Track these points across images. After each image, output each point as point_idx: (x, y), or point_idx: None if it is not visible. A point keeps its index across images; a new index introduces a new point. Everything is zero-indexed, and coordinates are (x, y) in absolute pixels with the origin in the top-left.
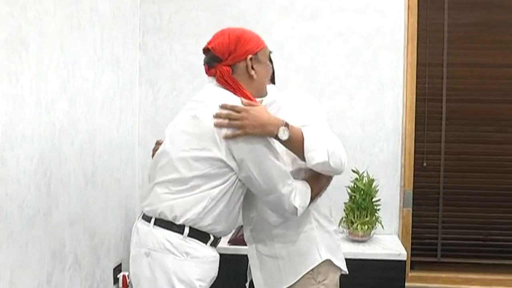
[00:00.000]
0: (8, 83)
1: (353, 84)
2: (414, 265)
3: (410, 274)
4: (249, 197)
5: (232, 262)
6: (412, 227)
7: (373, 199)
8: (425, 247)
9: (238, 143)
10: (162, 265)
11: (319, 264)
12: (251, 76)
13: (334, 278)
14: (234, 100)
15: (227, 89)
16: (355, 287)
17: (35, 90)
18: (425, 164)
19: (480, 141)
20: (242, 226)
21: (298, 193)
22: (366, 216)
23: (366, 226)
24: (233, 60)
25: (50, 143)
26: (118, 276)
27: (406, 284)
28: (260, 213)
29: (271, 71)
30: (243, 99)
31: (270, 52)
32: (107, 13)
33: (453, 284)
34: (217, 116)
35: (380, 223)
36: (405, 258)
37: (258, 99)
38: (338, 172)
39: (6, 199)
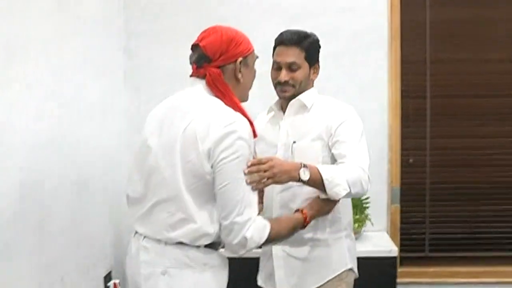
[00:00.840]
0: None
1: (338, 84)
2: (403, 261)
3: (399, 269)
4: (285, 198)
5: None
6: (400, 223)
7: (362, 197)
8: (413, 242)
9: (216, 160)
10: (181, 281)
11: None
12: (237, 80)
13: (351, 280)
14: (231, 115)
15: (215, 93)
16: None
17: (23, 99)
18: (411, 160)
19: (464, 136)
20: None
21: (254, 227)
22: (356, 214)
23: (356, 224)
24: (223, 61)
25: (41, 152)
26: (108, 284)
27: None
28: None
29: (255, 77)
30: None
31: (257, 57)
32: (91, 18)
33: (441, 278)
34: (249, 172)
35: (370, 220)
36: (396, 254)
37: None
38: (361, 196)
39: None
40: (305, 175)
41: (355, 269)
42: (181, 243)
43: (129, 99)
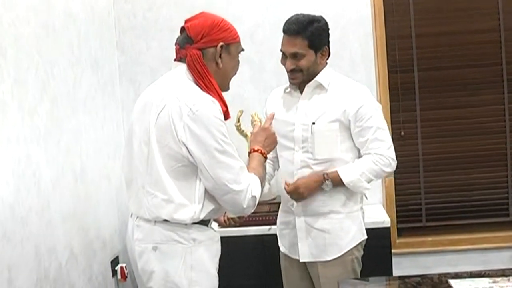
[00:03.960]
0: None
1: None
2: (401, 232)
3: (398, 241)
4: (304, 174)
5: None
6: (396, 195)
7: None
8: (410, 213)
9: (193, 143)
10: (172, 256)
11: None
12: (217, 64)
13: (363, 245)
14: (200, 98)
15: (194, 75)
16: None
17: (16, 94)
18: (402, 133)
19: (453, 106)
20: None
21: (253, 185)
22: None
23: None
24: (204, 43)
25: (36, 144)
26: (116, 268)
27: (395, 250)
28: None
29: (238, 69)
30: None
31: (242, 50)
32: (81, 16)
33: (439, 247)
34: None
35: (364, 195)
36: (389, 225)
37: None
38: (390, 173)
39: None
40: (327, 187)
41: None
42: (168, 220)
43: (125, 91)
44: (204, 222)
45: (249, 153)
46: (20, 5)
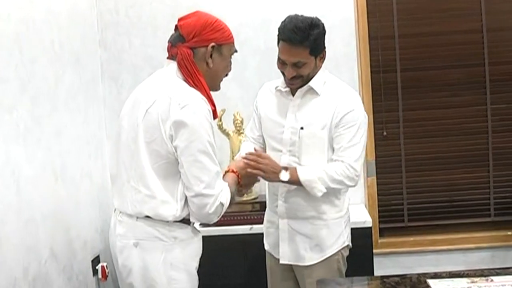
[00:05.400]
0: None
1: None
2: (383, 232)
3: (380, 241)
4: None
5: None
6: (378, 195)
7: None
8: (392, 213)
9: (176, 139)
10: (152, 253)
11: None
12: (208, 64)
13: (347, 251)
14: (189, 96)
15: (183, 73)
16: None
17: None
18: (385, 133)
19: (435, 107)
20: None
21: (225, 192)
22: None
23: None
24: (196, 43)
25: (15, 142)
26: (96, 267)
27: (376, 250)
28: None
29: (230, 69)
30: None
31: (235, 51)
32: (63, 12)
33: (421, 247)
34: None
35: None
36: (370, 225)
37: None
38: (353, 186)
39: None
40: (285, 176)
41: (350, 242)
42: (150, 217)
43: (107, 89)
44: (186, 221)
45: (226, 171)
46: (0, 0)
